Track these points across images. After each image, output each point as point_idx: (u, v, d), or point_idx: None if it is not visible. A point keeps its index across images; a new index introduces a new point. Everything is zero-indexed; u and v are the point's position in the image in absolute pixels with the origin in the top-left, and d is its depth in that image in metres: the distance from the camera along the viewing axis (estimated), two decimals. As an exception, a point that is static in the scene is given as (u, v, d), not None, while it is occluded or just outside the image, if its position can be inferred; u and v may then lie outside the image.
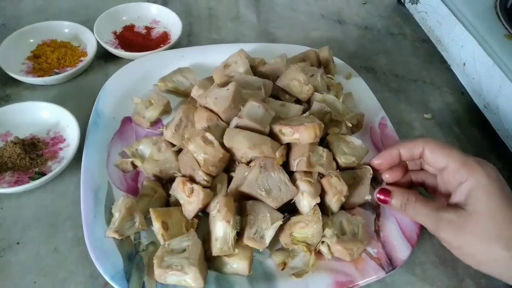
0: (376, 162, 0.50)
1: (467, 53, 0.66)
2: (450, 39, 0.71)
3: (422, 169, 0.50)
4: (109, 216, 0.49)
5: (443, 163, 0.45)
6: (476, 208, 0.41)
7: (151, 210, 0.47)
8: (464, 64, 0.67)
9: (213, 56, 0.67)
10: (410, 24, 0.85)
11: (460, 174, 0.43)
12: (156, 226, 0.46)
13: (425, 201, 0.45)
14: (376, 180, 0.55)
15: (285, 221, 0.48)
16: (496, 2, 0.68)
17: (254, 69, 0.61)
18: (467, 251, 0.42)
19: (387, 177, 0.50)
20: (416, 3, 0.81)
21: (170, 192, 0.50)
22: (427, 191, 0.51)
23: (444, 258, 0.51)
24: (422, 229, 0.51)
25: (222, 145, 0.48)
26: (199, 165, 0.48)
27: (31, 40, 0.70)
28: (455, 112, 0.69)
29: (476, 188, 0.42)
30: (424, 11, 0.78)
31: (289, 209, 0.49)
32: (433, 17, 0.75)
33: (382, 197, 0.47)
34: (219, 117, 0.51)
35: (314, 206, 0.47)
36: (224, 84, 0.54)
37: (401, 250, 0.48)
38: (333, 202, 0.48)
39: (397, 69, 0.76)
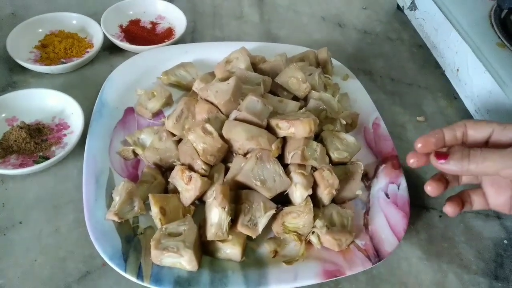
0: (419, 144, 0.45)
1: (460, 59, 0.69)
2: (445, 45, 0.73)
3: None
4: (109, 200, 0.51)
5: (487, 131, 0.44)
6: None
7: (150, 195, 0.49)
8: (458, 69, 0.70)
9: (216, 53, 0.69)
10: (407, 29, 0.88)
11: (507, 132, 0.43)
12: (154, 211, 0.48)
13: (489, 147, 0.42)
14: (367, 177, 0.58)
15: (278, 211, 0.50)
16: (490, 12, 0.71)
17: (254, 66, 0.63)
18: None
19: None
20: (414, 10, 0.83)
21: (169, 179, 0.52)
22: None
23: (429, 253, 0.53)
24: (409, 225, 0.53)
25: (221, 136, 0.51)
26: (198, 155, 0.50)
27: (40, 30, 0.72)
28: (447, 116, 0.72)
29: None
30: (422, 17, 0.81)
31: (282, 200, 0.51)
32: (430, 23, 0.77)
33: (438, 159, 0.43)
34: (219, 109, 0.53)
35: (306, 197, 0.49)
36: (225, 79, 0.56)
37: (388, 243, 0.50)
38: (324, 194, 0.50)
39: (393, 73, 0.79)
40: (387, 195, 0.55)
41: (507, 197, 0.46)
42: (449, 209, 0.47)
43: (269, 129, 0.52)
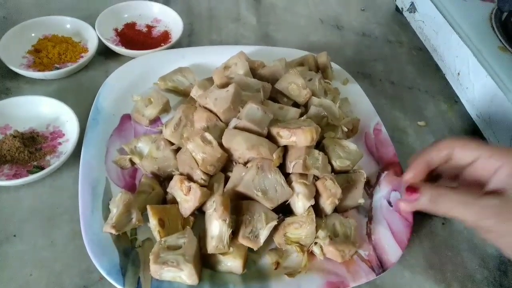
0: (409, 175, 0.46)
1: (461, 63, 0.68)
2: (446, 49, 0.72)
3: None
4: (106, 211, 0.49)
5: (473, 156, 0.43)
6: None
7: (148, 207, 0.48)
8: (459, 73, 0.69)
9: (213, 57, 0.68)
10: (407, 32, 0.87)
11: (493, 162, 0.42)
12: (153, 222, 0.47)
13: (460, 191, 0.42)
14: (369, 184, 0.57)
15: (280, 222, 0.49)
16: (491, 15, 0.70)
17: (253, 72, 0.62)
18: None
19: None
20: (414, 12, 0.82)
21: (168, 190, 0.51)
22: None
23: (433, 262, 0.53)
24: (412, 233, 0.53)
25: (221, 145, 0.49)
26: (197, 164, 0.49)
27: (33, 34, 0.70)
28: (448, 120, 0.71)
29: None
30: (421, 20, 0.80)
31: (284, 210, 0.50)
32: (430, 26, 0.77)
33: (410, 194, 0.44)
34: (218, 117, 0.52)
35: (309, 207, 0.48)
36: (224, 85, 0.55)
37: (392, 253, 0.49)
38: (327, 204, 0.49)
39: (393, 76, 0.78)
40: (389, 203, 0.54)
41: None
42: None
43: (270, 137, 0.51)
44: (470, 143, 0.44)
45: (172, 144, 0.54)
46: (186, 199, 0.48)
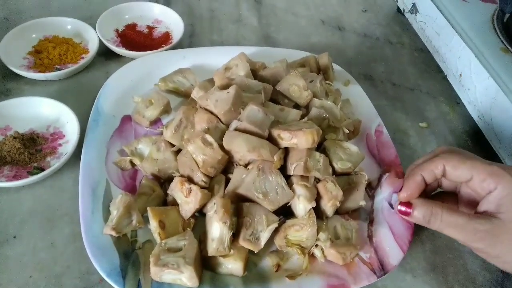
0: (403, 195, 0.46)
1: (463, 64, 0.68)
2: (447, 50, 0.72)
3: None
4: (106, 213, 0.49)
5: (467, 176, 0.43)
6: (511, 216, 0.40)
7: (148, 208, 0.48)
8: (461, 75, 0.69)
9: (214, 58, 0.68)
10: (408, 33, 0.87)
11: (487, 183, 0.42)
12: (153, 224, 0.47)
13: (452, 212, 0.43)
14: (370, 186, 0.57)
15: (281, 224, 0.49)
16: (493, 16, 0.70)
17: (254, 73, 0.62)
18: (507, 259, 0.42)
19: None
20: (415, 13, 0.82)
21: (168, 191, 0.51)
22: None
23: (435, 265, 0.52)
24: (414, 235, 0.52)
25: (221, 147, 0.49)
26: (198, 166, 0.49)
27: (33, 35, 0.70)
28: (449, 122, 0.71)
29: (508, 195, 0.41)
30: (423, 21, 0.79)
31: (285, 212, 0.50)
32: (432, 27, 0.76)
33: (403, 209, 0.45)
34: (219, 119, 0.52)
35: (310, 210, 0.48)
36: (225, 87, 0.55)
37: (393, 256, 0.49)
38: (328, 206, 0.49)
39: (394, 78, 0.77)
40: (391, 205, 0.54)
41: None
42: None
43: (271, 139, 0.50)
44: (463, 164, 0.43)
45: (173, 145, 0.53)
46: (187, 201, 0.48)
